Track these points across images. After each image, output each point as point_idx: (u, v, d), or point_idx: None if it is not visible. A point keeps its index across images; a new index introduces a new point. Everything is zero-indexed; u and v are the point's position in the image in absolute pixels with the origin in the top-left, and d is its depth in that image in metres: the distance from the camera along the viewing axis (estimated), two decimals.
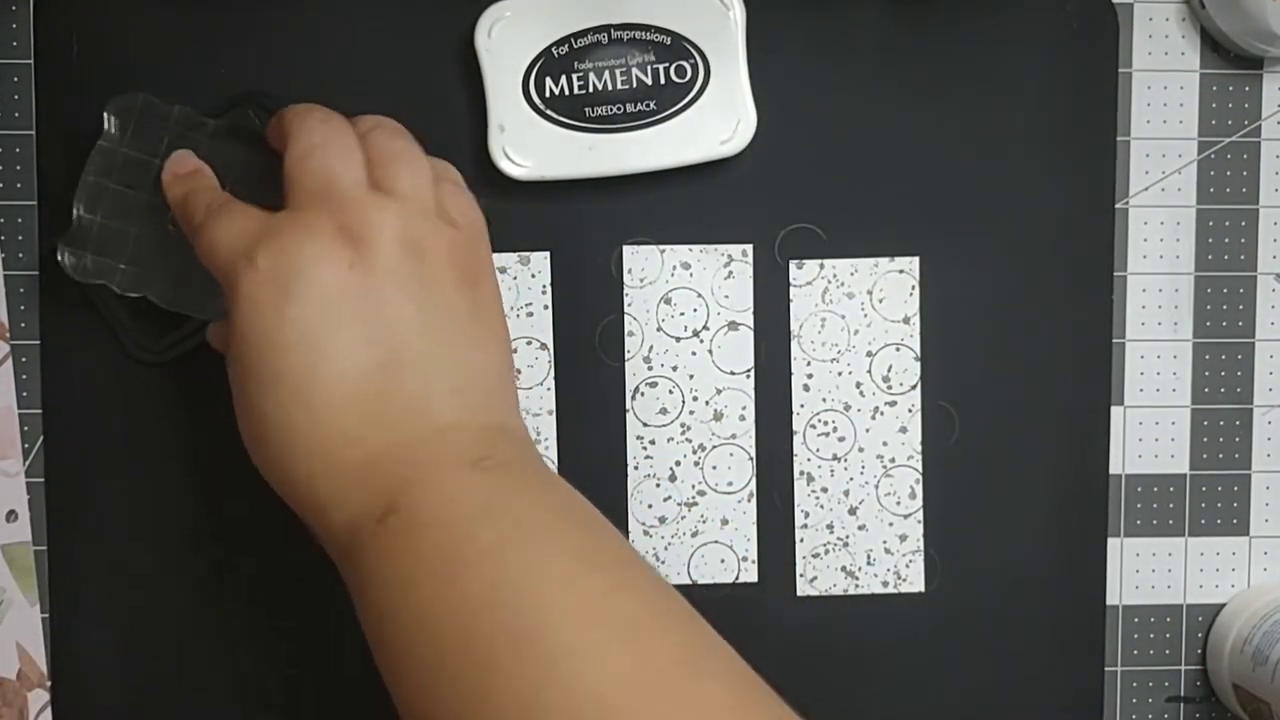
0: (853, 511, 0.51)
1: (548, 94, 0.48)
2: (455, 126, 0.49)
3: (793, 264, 0.51)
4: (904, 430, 0.51)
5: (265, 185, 0.45)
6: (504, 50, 0.48)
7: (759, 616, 0.51)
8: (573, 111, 0.48)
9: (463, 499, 0.38)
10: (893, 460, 0.51)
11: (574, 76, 0.48)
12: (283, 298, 0.39)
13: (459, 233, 0.43)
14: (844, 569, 0.51)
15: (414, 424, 0.40)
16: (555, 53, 0.48)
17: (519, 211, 0.50)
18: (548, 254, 0.50)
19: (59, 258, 0.47)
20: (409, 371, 0.40)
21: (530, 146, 0.49)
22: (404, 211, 0.41)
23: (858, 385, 0.51)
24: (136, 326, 0.49)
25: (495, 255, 0.50)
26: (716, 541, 0.51)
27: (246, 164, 0.47)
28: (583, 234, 0.50)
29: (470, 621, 0.36)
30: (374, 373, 0.40)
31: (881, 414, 0.51)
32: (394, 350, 0.40)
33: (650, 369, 0.51)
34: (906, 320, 0.51)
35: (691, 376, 0.51)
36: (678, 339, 0.51)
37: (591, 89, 0.48)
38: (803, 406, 0.51)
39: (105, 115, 0.47)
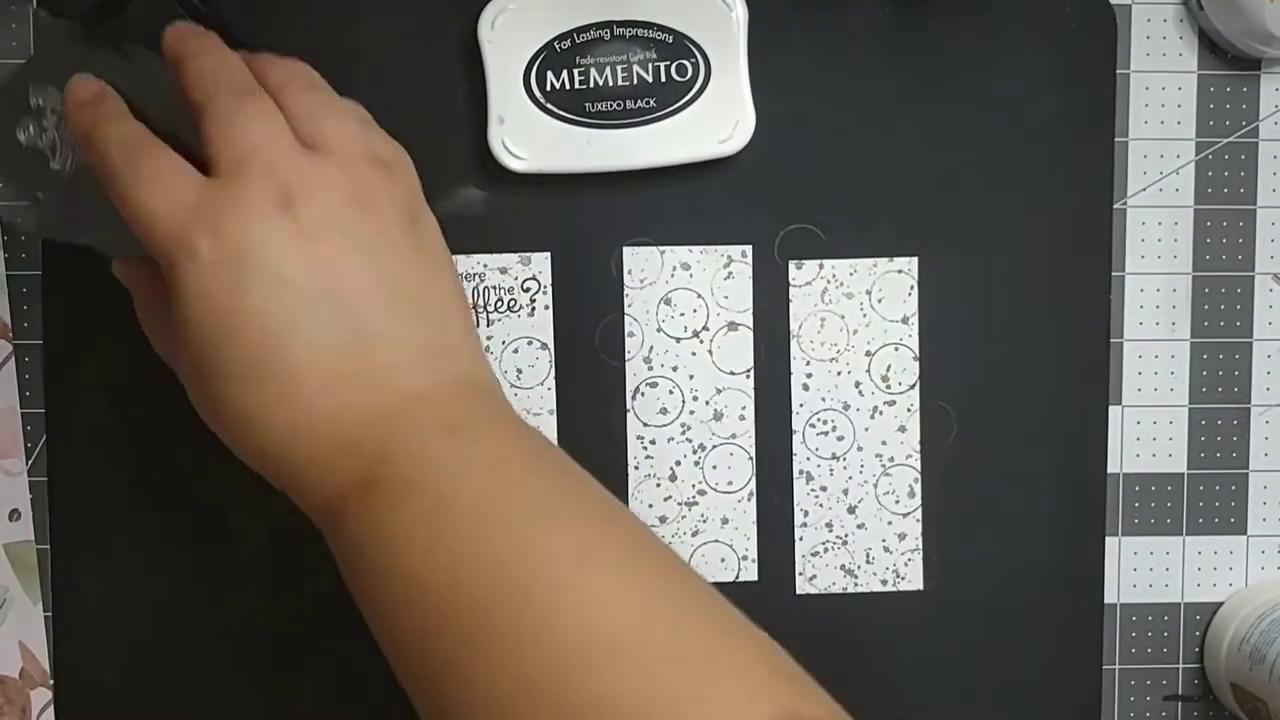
0: (852, 510, 0.51)
1: (549, 88, 0.48)
2: (455, 117, 0.50)
3: (792, 264, 0.51)
4: (903, 429, 0.51)
5: (154, 102, 0.42)
6: (506, 43, 0.48)
7: (759, 615, 0.51)
8: (573, 106, 0.49)
9: (441, 463, 0.38)
10: (892, 459, 0.51)
11: (575, 71, 0.48)
12: (234, 285, 0.38)
13: (394, 174, 0.42)
14: (843, 567, 0.52)
15: (386, 394, 0.39)
16: (557, 47, 0.48)
17: (519, 210, 0.50)
18: (548, 254, 0.50)
19: None
20: (376, 341, 0.39)
21: (529, 139, 0.49)
22: (339, 164, 0.40)
23: (857, 385, 0.51)
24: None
25: (495, 255, 0.50)
26: (716, 540, 0.51)
27: (124, 78, 0.43)
28: (583, 234, 0.50)
29: (462, 573, 0.36)
30: (342, 348, 0.39)
31: (880, 413, 0.51)
32: (358, 321, 0.39)
33: (650, 369, 0.51)
34: (905, 320, 0.51)
35: (692, 376, 0.51)
36: (678, 339, 0.51)
37: (592, 84, 0.48)
38: (802, 406, 0.51)
39: None
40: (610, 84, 0.49)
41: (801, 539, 0.51)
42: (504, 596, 0.35)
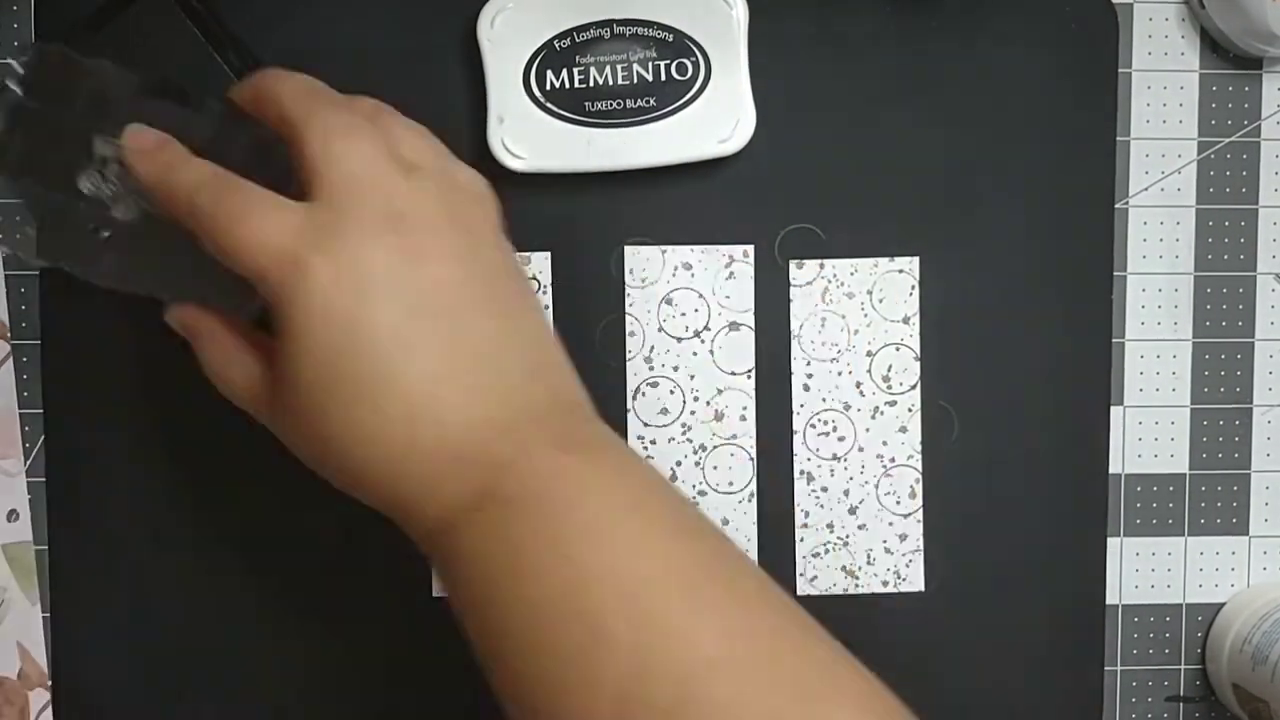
0: (853, 511, 0.51)
1: (548, 87, 0.48)
2: (455, 116, 0.50)
3: (793, 264, 0.51)
4: (904, 430, 0.51)
5: (211, 144, 0.42)
6: (506, 41, 0.48)
7: None
8: (572, 105, 0.48)
9: (557, 481, 0.38)
10: (893, 460, 0.51)
11: (575, 70, 0.48)
12: (353, 304, 0.38)
13: (480, 200, 0.42)
14: (844, 568, 0.52)
15: (500, 412, 0.39)
16: (557, 45, 0.48)
17: (519, 209, 0.50)
18: (548, 254, 0.50)
19: None
20: (488, 358, 0.39)
21: (529, 139, 0.49)
22: (441, 188, 0.41)
23: (858, 385, 0.51)
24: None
25: None
26: None
27: (195, 121, 0.43)
28: (583, 234, 0.50)
29: (578, 596, 0.36)
30: (458, 365, 0.39)
31: (881, 414, 0.51)
32: (472, 338, 0.39)
33: (651, 369, 0.51)
34: (906, 320, 0.51)
35: (692, 377, 0.51)
36: (679, 339, 0.51)
37: (592, 83, 0.48)
38: (803, 406, 0.51)
39: (13, 62, 0.42)
40: (610, 83, 0.48)
41: (802, 540, 0.51)
42: (616, 611, 0.36)
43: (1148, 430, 0.52)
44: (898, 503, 0.51)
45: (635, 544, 0.37)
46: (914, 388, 0.51)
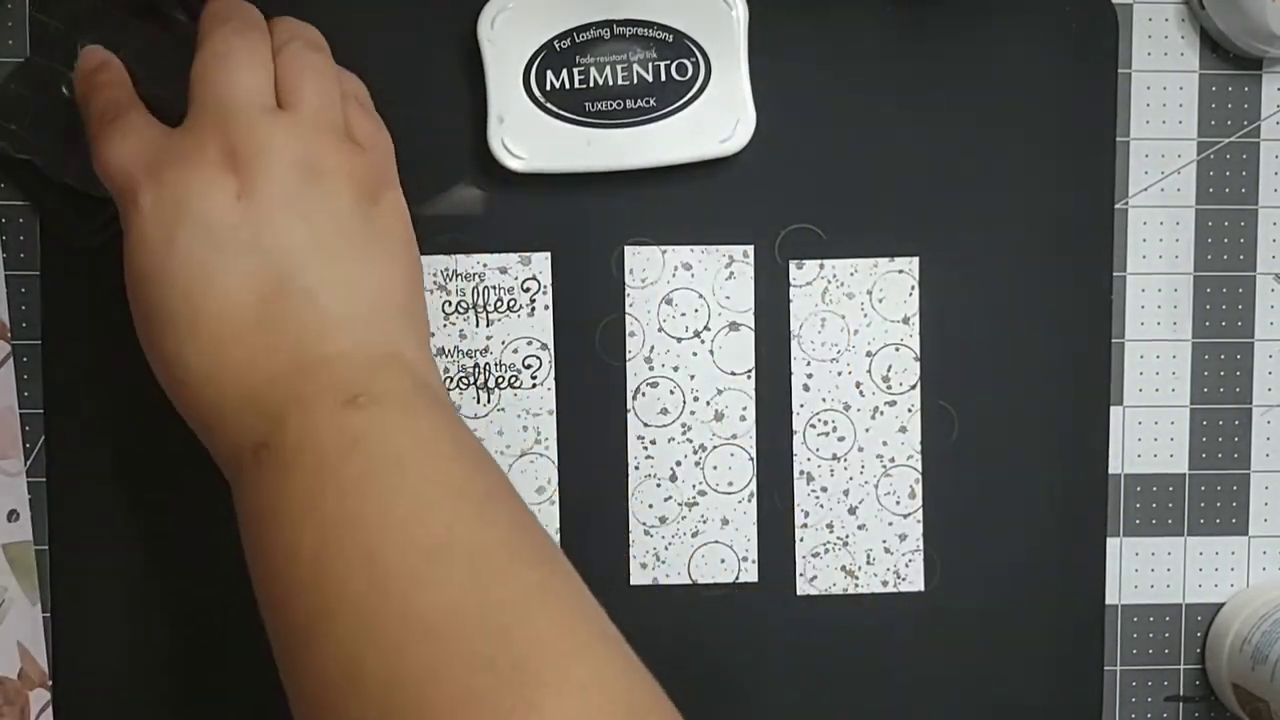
0: (852, 511, 0.51)
1: (548, 87, 0.48)
2: (455, 117, 0.49)
3: (793, 264, 0.51)
4: (904, 430, 0.51)
5: (178, 72, 0.43)
6: (506, 42, 0.48)
7: (759, 616, 0.51)
8: (572, 105, 0.48)
9: (330, 437, 0.38)
10: (892, 460, 0.51)
11: (575, 70, 0.48)
12: (166, 234, 0.39)
13: (362, 154, 0.42)
14: (844, 568, 0.52)
15: (297, 355, 0.40)
16: (557, 46, 0.48)
17: (519, 209, 0.50)
18: (548, 254, 0.50)
19: None
20: (296, 301, 0.40)
21: (529, 139, 0.49)
22: (301, 129, 0.41)
23: (857, 385, 0.51)
24: (70, 209, 0.48)
25: (495, 255, 0.50)
26: (717, 541, 0.51)
27: (155, 47, 0.47)
28: (583, 234, 0.50)
29: (325, 546, 0.37)
30: (259, 304, 0.40)
31: (881, 414, 0.51)
32: (281, 280, 0.40)
33: (651, 369, 0.51)
34: (906, 320, 0.51)
35: (692, 377, 0.51)
36: (679, 339, 0.51)
37: (592, 83, 0.48)
38: (803, 406, 0.51)
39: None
40: (610, 83, 0.48)
41: (802, 540, 0.51)
42: (360, 571, 0.36)
43: (1147, 430, 0.52)
44: (897, 503, 0.51)
45: (388, 501, 0.37)
46: (914, 388, 0.51)
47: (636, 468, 0.51)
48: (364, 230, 0.41)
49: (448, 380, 0.50)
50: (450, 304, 0.50)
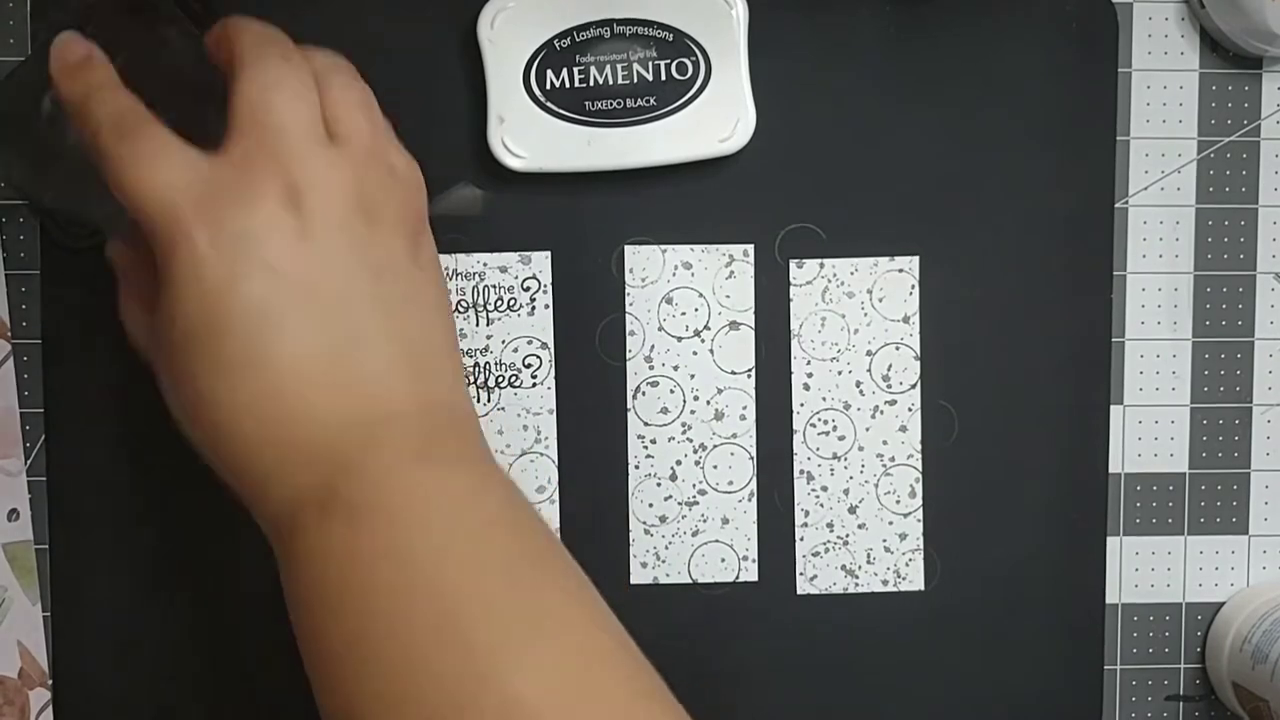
0: (853, 510, 0.51)
1: (548, 86, 0.48)
2: (455, 116, 0.50)
3: (793, 263, 0.51)
4: (904, 429, 0.51)
5: (159, 75, 0.41)
6: (506, 41, 0.48)
7: (759, 615, 0.51)
8: (573, 105, 0.48)
9: (404, 494, 0.37)
10: (892, 459, 0.51)
11: (575, 70, 0.48)
12: (226, 274, 0.37)
13: (404, 188, 0.41)
14: (844, 568, 0.52)
15: (363, 406, 0.38)
16: (557, 45, 0.48)
17: (519, 208, 0.50)
18: (548, 254, 0.50)
19: None
20: (361, 351, 0.38)
21: (529, 138, 0.49)
22: (357, 167, 0.39)
23: (858, 384, 0.51)
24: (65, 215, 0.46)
25: (495, 254, 0.50)
26: (717, 541, 0.51)
27: (140, 43, 0.42)
28: (583, 233, 0.50)
29: (399, 611, 0.36)
30: (327, 353, 0.38)
31: (881, 413, 0.51)
32: (347, 329, 0.38)
33: (651, 368, 0.51)
34: (906, 319, 0.51)
35: (692, 376, 0.51)
36: (679, 338, 0.51)
37: (592, 83, 0.48)
38: (803, 406, 0.51)
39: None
40: (610, 82, 0.48)
41: (802, 539, 0.51)
42: (438, 642, 0.35)
43: (1147, 430, 0.52)
44: (897, 502, 0.51)
45: (465, 566, 0.36)
46: (914, 387, 0.51)
47: (637, 467, 0.51)
48: (412, 269, 0.40)
49: None
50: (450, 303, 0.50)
